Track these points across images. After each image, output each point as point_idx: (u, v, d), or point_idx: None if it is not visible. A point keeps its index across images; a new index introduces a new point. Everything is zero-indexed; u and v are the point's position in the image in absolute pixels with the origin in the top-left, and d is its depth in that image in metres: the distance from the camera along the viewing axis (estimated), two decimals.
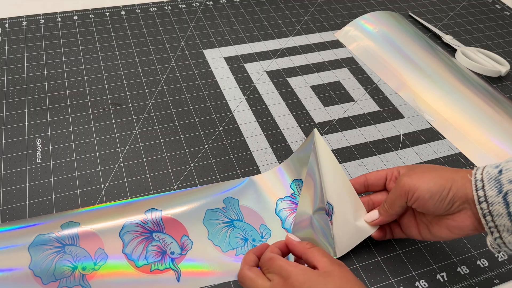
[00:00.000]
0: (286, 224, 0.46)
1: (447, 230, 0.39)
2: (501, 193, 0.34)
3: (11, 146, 0.52)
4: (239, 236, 0.45)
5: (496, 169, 0.35)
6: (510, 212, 0.34)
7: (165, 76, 0.63)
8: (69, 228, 0.43)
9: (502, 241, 0.35)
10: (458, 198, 0.37)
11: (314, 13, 0.79)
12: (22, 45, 0.66)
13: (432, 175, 0.38)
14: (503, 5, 0.86)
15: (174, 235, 0.44)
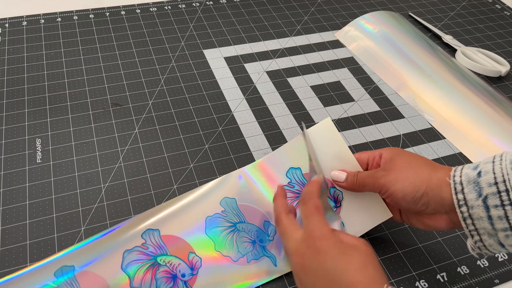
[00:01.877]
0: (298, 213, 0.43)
1: (423, 226, 0.40)
2: (481, 196, 0.34)
3: (11, 146, 0.52)
4: (246, 240, 0.43)
5: (475, 171, 0.35)
6: (490, 216, 0.34)
7: (165, 76, 0.63)
8: (64, 275, 0.39)
9: (483, 244, 0.35)
10: (433, 201, 0.37)
11: (314, 13, 0.79)
12: (22, 45, 0.66)
13: (410, 174, 0.38)
14: (503, 5, 0.86)
15: (180, 254, 0.41)
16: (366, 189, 0.41)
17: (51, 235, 0.44)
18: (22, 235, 0.44)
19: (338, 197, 0.43)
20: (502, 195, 0.33)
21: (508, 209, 0.33)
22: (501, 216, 0.33)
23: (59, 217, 0.46)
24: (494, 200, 0.33)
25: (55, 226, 0.45)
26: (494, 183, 0.33)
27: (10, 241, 0.44)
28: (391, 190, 0.38)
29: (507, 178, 0.33)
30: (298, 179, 0.45)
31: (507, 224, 0.33)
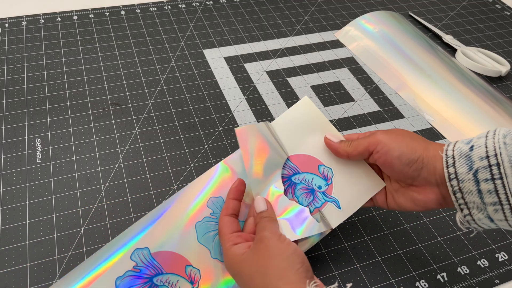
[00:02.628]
0: (289, 196, 0.41)
1: (411, 202, 0.39)
2: (472, 170, 0.34)
3: (11, 146, 0.52)
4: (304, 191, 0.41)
5: (468, 145, 0.35)
6: (480, 190, 0.34)
7: (165, 76, 0.63)
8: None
9: (472, 218, 0.35)
10: (426, 169, 0.37)
11: (314, 13, 0.79)
12: (22, 45, 0.66)
13: (407, 139, 0.38)
14: (504, 5, 0.86)
15: (177, 270, 0.38)
16: (361, 148, 0.40)
17: (51, 235, 0.44)
18: (22, 235, 0.44)
19: (328, 174, 0.42)
20: (493, 168, 0.33)
21: (498, 183, 0.33)
22: (491, 190, 0.33)
23: (59, 217, 0.46)
24: (484, 174, 0.33)
25: (55, 226, 0.45)
26: (485, 156, 0.33)
27: (10, 241, 0.44)
28: (387, 148, 0.38)
29: (499, 152, 0.33)
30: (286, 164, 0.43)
31: (496, 198, 0.33)
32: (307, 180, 0.42)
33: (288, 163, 0.43)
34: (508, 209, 0.33)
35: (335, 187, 0.42)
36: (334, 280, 0.43)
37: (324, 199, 0.41)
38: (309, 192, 0.42)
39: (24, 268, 0.42)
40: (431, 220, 0.49)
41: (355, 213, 0.48)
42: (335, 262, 0.44)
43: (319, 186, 0.42)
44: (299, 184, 0.42)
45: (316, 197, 0.42)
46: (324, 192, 0.42)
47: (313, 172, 0.42)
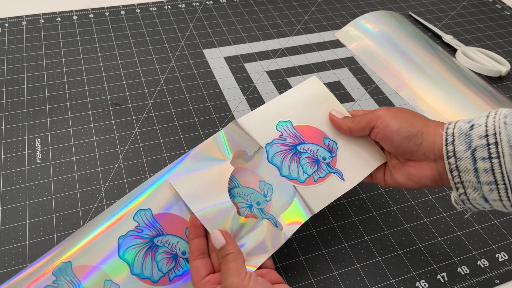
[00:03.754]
0: (285, 171, 0.42)
1: (407, 178, 0.39)
2: (470, 148, 0.34)
3: (10, 146, 0.52)
4: (243, 206, 0.40)
5: (468, 124, 0.35)
6: (476, 168, 0.34)
7: (165, 76, 0.63)
8: (63, 272, 0.37)
9: (467, 197, 0.35)
10: (425, 143, 0.37)
11: (314, 12, 0.79)
12: (22, 45, 0.66)
13: (408, 114, 0.39)
14: (504, 5, 0.86)
15: (177, 232, 0.39)
16: (363, 123, 0.41)
17: (51, 235, 0.44)
18: (22, 235, 0.44)
19: (333, 147, 0.43)
20: (491, 147, 0.33)
21: (494, 162, 0.33)
22: (487, 169, 0.33)
23: (58, 217, 0.46)
24: (482, 152, 0.33)
25: (54, 226, 0.45)
26: (484, 135, 0.33)
27: (10, 241, 0.44)
28: (387, 122, 0.38)
29: (498, 131, 0.33)
30: (290, 132, 0.44)
31: (492, 177, 0.33)
32: (313, 150, 0.43)
33: (294, 132, 0.43)
34: (503, 189, 0.33)
35: (339, 160, 0.43)
36: (334, 280, 0.43)
37: (328, 170, 0.42)
38: (313, 162, 0.43)
39: (24, 268, 0.42)
40: (431, 220, 0.49)
41: (356, 213, 0.49)
42: (335, 262, 0.44)
43: (324, 157, 0.43)
44: (304, 153, 0.43)
45: (321, 167, 0.42)
46: (328, 164, 0.43)
47: (319, 144, 0.43)
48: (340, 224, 0.48)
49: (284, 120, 0.44)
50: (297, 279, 0.43)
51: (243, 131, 0.43)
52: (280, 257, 0.44)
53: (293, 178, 0.42)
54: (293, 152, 0.43)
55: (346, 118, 0.43)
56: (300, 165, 0.42)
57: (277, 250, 0.45)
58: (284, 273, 0.43)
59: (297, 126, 0.44)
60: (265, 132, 0.43)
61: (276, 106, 0.45)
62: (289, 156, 0.43)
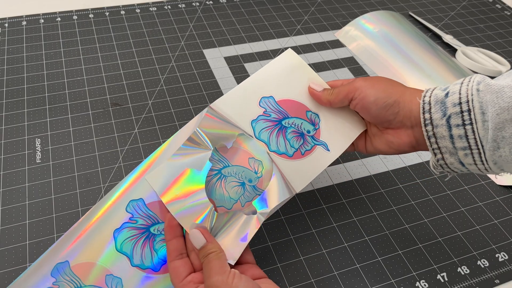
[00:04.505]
0: (273, 146, 0.42)
1: (386, 146, 0.41)
2: (445, 116, 0.35)
3: (10, 146, 0.52)
4: (235, 185, 0.40)
5: (444, 92, 0.36)
6: (452, 135, 0.35)
7: (165, 76, 0.63)
8: (61, 271, 0.37)
9: (444, 162, 0.37)
10: (402, 112, 0.38)
11: (314, 12, 0.79)
12: (22, 45, 0.66)
13: (385, 84, 0.40)
14: (504, 5, 0.86)
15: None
16: (341, 95, 0.41)
17: (51, 235, 0.44)
18: (22, 235, 0.44)
19: (315, 120, 0.44)
20: (464, 114, 0.34)
21: (468, 129, 0.34)
22: (461, 135, 0.35)
23: (58, 217, 0.46)
24: (456, 119, 0.35)
25: (54, 226, 0.45)
26: (458, 103, 0.35)
27: (10, 241, 0.44)
28: (364, 93, 0.39)
29: (471, 99, 0.34)
30: (273, 107, 0.44)
31: (466, 143, 0.35)
32: (297, 124, 0.43)
33: (277, 107, 0.44)
34: (477, 153, 0.35)
35: (323, 132, 0.43)
36: (334, 280, 0.43)
37: (314, 143, 0.43)
38: (299, 135, 0.43)
39: (24, 268, 0.42)
40: (431, 220, 0.49)
41: (356, 213, 0.49)
42: (335, 262, 0.44)
43: (308, 130, 0.44)
44: (289, 128, 0.43)
45: (306, 140, 0.43)
46: (313, 136, 0.43)
47: (302, 117, 0.44)
48: (340, 224, 0.48)
49: (266, 96, 0.44)
50: (297, 279, 0.43)
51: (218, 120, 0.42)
52: (280, 257, 0.44)
53: (281, 153, 0.42)
54: (279, 127, 0.43)
55: (325, 91, 0.43)
56: (286, 140, 0.43)
57: (277, 250, 0.45)
58: (284, 273, 0.43)
59: (279, 101, 0.44)
60: (248, 109, 0.43)
61: (255, 82, 0.44)
62: (275, 131, 0.43)
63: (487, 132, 0.33)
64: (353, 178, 0.52)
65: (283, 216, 0.48)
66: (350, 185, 0.52)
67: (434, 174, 0.53)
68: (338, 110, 0.44)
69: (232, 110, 0.43)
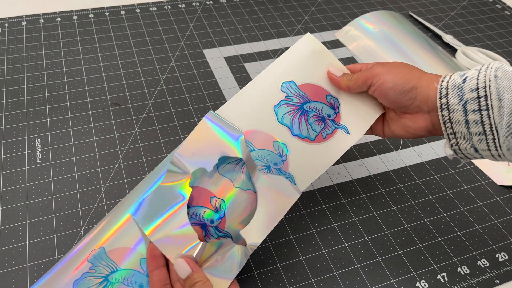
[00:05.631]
0: (295, 130, 0.43)
1: (403, 130, 0.41)
2: (462, 101, 0.36)
3: (10, 146, 0.52)
4: (261, 168, 0.41)
5: (462, 78, 0.37)
6: (467, 120, 0.36)
7: (165, 76, 0.63)
8: (98, 258, 0.38)
9: (458, 148, 0.38)
10: (419, 97, 0.39)
11: (314, 12, 0.79)
12: (22, 45, 0.66)
13: (403, 69, 0.40)
14: (504, 5, 0.86)
15: (202, 202, 0.40)
16: (360, 82, 0.42)
17: (51, 235, 0.44)
18: (22, 235, 0.44)
19: (335, 104, 0.44)
20: (481, 100, 0.35)
21: (484, 114, 0.35)
22: (477, 120, 0.35)
23: (58, 217, 0.46)
24: (473, 105, 0.35)
25: (54, 226, 0.45)
26: (475, 88, 0.35)
27: (10, 241, 0.44)
28: (382, 80, 0.40)
29: (488, 84, 0.34)
30: (295, 92, 0.44)
31: (481, 128, 0.35)
32: (318, 108, 0.44)
33: (298, 92, 0.44)
34: (491, 139, 0.35)
35: (343, 115, 0.44)
36: (334, 280, 0.43)
37: (334, 126, 0.44)
38: (320, 119, 0.44)
39: (24, 268, 0.42)
40: (431, 220, 0.49)
41: (356, 213, 0.49)
42: (335, 262, 0.44)
43: (328, 114, 0.44)
44: (311, 112, 0.44)
45: (327, 124, 0.44)
46: (333, 120, 0.44)
47: (322, 101, 0.44)
48: (340, 224, 0.48)
49: (287, 81, 0.44)
50: (297, 279, 0.43)
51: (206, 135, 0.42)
52: (280, 257, 0.44)
53: (304, 137, 0.43)
54: (301, 112, 0.44)
55: (345, 76, 0.43)
56: (308, 124, 0.44)
57: (277, 250, 0.45)
58: (284, 273, 0.43)
59: (300, 85, 0.44)
60: (270, 95, 0.44)
61: (276, 68, 0.45)
62: (297, 115, 0.44)
63: (502, 118, 0.34)
64: (353, 178, 0.52)
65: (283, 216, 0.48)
66: (350, 185, 0.52)
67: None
68: (357, 94, 0.44)
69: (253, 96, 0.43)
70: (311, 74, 0.45)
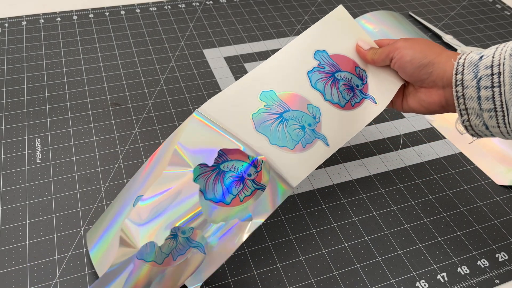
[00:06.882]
0: (327, 96, 0.45)
1: (418, 104, 0.43)
2: (476, 77, 0.37)
3: (10, 146, 0.52)
4: (296, 127, 0.43)
5: (478, 55, 0.38)
6: (479, 96, 0.37)
7: (165, 76, 0.63)
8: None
9: (469, 124, 0.39)
10: (436, 72, 0.40)
11: (314, 12, 0.79)
12: (22, 45, 0.66)
13: (423, 45, 0.42)
14: (504, 5, 0.86)
15: (240, 157, 0.41)
16: (383, 55, 0.44)
17: (50, 235, 0.44)
18: (22, 235, 0.44)
19: (363, 75, 0.47)
20: (494, 77, 0.36)
21: (496, 91, 0.36)
22: (489, 97, 0.36)
23: (58, 217, 0.46)
24: (486, 81, 0.36)
25: (54, 226, 0.45)
26: (490, 66, 0.36)
27: (9, 241, 0.44)
28: (402, 53, 0.42)
29: (502, 62, 0.36)
30: (327, 60, 0.46)
31: (492, 105, 0.37)
32: (347, 78, 0.46)
33: (330, 61, 0.47)
34: (501, 116, 0.36)
35: (370, 86, 0.46)
36: (334, 280, 0.43)
37: (362, 96, 0.46)
38: (349, 88, 0.46)
39: (24, 268, 0.42)
40: (431, 220, 0.49)
41: (356, 213, 0.49)
42: (335, 262, 0.44)
43: (357, 84, 0.46)
44: (341, 80, 0.46)
45: (355, 93, 0.46)
46: (361, 90, 0.46)
47: (351, 72, 0.46)
48: (340, 224, 0.48)
49: (320, 50, 0.47)
50: (297, 279, 0.43)
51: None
52: (280, 257, 0.44)
53: (335, 103, 0.45)
54: (332, 79, 0.46)
55: (371, 50, 0.46)
56: (339, 91, 0.46)
57: (277, 250, 0.45)
58: (284, 273, 0.43)
59: (332, 55, 0.47)
60: (304, 61, 0.46)
61: (310, 37, 0.47)
62: (329, 82, 0.46)
63: None
64: (353, 178, 0.52)
65: (283, 216, 0.48)
66: (350, 185, 0.52)
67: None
68: (383, 68, 0.47)
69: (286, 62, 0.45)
70: (342, 46, 0.47)
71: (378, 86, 0.46)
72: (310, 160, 0.42)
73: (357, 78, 0.46)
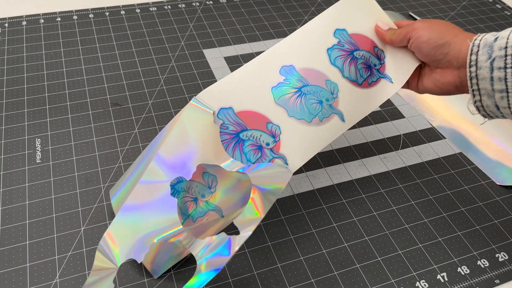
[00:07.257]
0: (346, 73, 0.46)
1: (433, 84, 0.44)
2: (490, 58, 0.38)
3: (10, 146, 0.52)
4: (314, 102, 0.45)
5: (494, 37, 0.38)
6: (492, 77, 0.38)
7: (165, 76, 0.63)
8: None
9: (481, 105, 0.40)
10: (451, 52, 0.41)
11: (314, 12, 0.79)
12: (22, 45, 0.66)
13: (440, 26, 0.43)
14: (504, 5, 0.86)
15: (259, 126, 0.43)
16: (401, 35, 0.45)
17: (51, 235, 0.44)
18: (22, 235, 0.44)
19: (381, 55, 0.48)
20: (508, 58, 0.36)
21: (508, 72, 0.36)
22: (501, 78, 0.37)
23: (58, 217, 0.46)
24: (499, 62, 0.37)
25: (54, 226, 0.45)
26: (504, 47, 0.37)
27: (10, 241, 0.44)
28: (419, 34, 0.43)
29: None
30: (346, 39, 0.47)
31: (504, 85, 0.37)
32: (366, 57, 0.47)
33: (349, 40, 0.48)
34: None
35: (387, 66, 0.48)
36: (334, 280, 0.43)
37: (379, 75, 0.47)
38: (367, 67, 0.47)
39: (24, 268, 0.42)
40: (431, 220, 0.49)
41: (356, 213, 0.49)
42: (335, 262, 0.44)
43: (375, 64, 0.48)
44: (360, 59, 0.47)
45: (373, 72, 0.47)
46: (378, 70, 0.48)
47: (370, 52, 0.48)
48: (340, 224, 0.48)
49: (340, 29, 0.47)
50: (297, 279, 0.43)
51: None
52: (280, 257, 0.44)
53: (353, 80, 0.46)
54: (351, 57, 0.47)
55: (390, 30, 0.47)
56: (357, 69, 0.47)
57: (277, 250, 0.45)
58: (284, 273, 0.43)
59: (351, 34, 0.48)
60: (324, 39, 0.47)
61: (330, 16, 0.48)
62: (348, 60, 0.47)
63: None
64: (353, 178, 0.52)
65: (283, 216, 0.48)
66: (350, 185, 0.52)
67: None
68: (400, 48, 0.47)
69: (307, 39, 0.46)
70: (361, 25, 0.48)
71: (395, 66, 0.47)
72: (326, 133, 0.44)
73: (375, 57, 0.48)
